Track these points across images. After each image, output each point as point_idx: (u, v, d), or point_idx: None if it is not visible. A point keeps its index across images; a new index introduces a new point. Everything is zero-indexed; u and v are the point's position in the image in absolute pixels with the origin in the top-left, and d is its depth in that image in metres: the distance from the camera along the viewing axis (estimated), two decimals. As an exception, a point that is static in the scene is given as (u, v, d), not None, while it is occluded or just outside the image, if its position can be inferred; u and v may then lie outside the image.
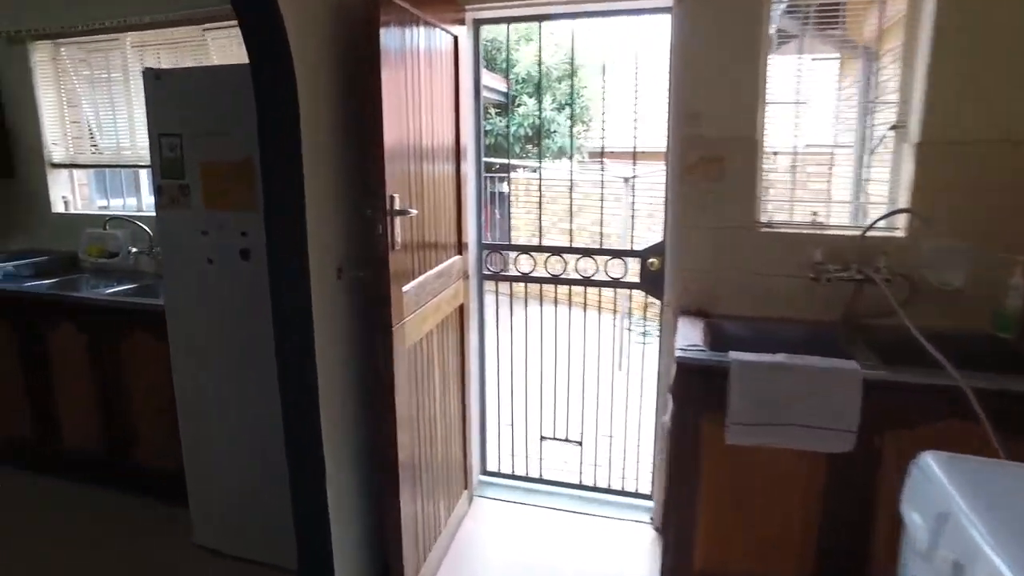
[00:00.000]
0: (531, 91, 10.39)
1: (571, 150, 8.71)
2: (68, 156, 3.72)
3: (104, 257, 3.52)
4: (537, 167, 9.96)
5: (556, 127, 10.46)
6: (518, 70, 10.40)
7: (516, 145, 10.35)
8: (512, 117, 10.19)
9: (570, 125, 10.03)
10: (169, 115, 2.29)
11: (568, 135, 9.80)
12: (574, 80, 10.01)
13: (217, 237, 2.30)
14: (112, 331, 2.88)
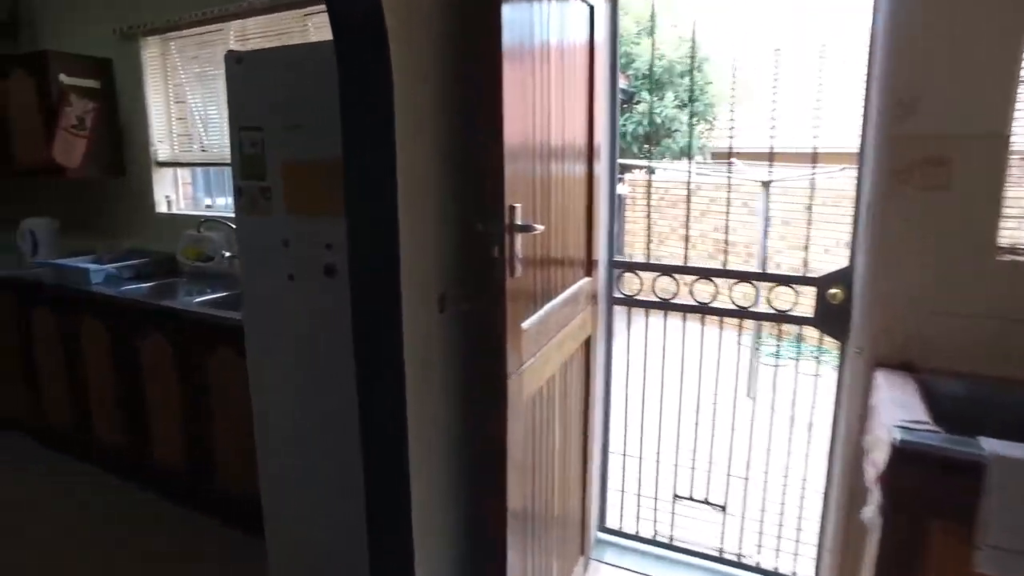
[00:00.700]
0: (651, 87, 9.72)
1: (691, 150, 7.92)
2: (173, 154, 3.56)
3: (200, 260, 3.32)
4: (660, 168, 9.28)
5: (678, 126, 9.73)
6: (638, 65, 9.76)
7: (634, 145, 9.72)
8: (630, 115, 9.58)
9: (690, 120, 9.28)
10: (251, 105, 1.95)
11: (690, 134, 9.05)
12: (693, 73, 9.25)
13: (299, 249, 1.93)
14: (197, 344, 2.62)
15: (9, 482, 3.23)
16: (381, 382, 1.47)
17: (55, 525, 2.82)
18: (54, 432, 3.48)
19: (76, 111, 3.38)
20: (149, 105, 3.52)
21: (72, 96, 3.36)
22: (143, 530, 2.77)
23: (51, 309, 3.25)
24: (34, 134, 3.49)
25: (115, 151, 3.62)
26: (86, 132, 3.42)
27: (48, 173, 3.50)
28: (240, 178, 1.99)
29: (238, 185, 2.00)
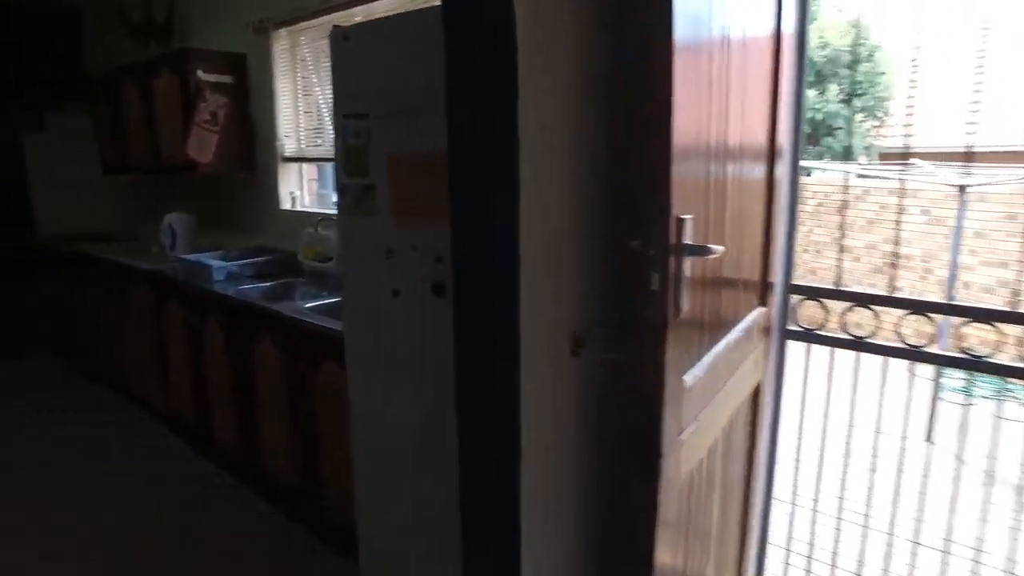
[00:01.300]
0: (812, 79, 8.74)
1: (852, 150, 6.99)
2: (299, 149, 3.44)
3: (319, 260, 3.14)
4: (819, 169, 8.28)
5: (841, 122, 8.68)
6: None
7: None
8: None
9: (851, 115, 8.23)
10: (356, 88, 1.65)
11: (856, 131, 8.02)
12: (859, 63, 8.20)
13: (405, 261, 1.61)
14: (304, 354, 2.41)
15: (135, 463, 3.26)
16: (487, 449, 1.09)
17: (167, 515, 2.78)
18: (180, 423, 3.49)
19: (210, 107, 3.33)
20: (278, 99, 3.41)
21: (207, 92, 3.33)
22: (246, 538, 2.64)
23: (180, 304, 3.22)
24: (175, 130, 3.51)
25: (245, 146, 3.57)
26: (218, 127, 3.37)
27: (184, 168, 3.50)
28: (343, 174, 1.70)
29: (341, 183, 1.72)
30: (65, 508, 2.89)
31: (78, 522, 2.77)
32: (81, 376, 4.61)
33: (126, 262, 3.71)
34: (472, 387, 1.12)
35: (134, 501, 2.96)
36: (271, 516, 2.80)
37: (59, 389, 4.47)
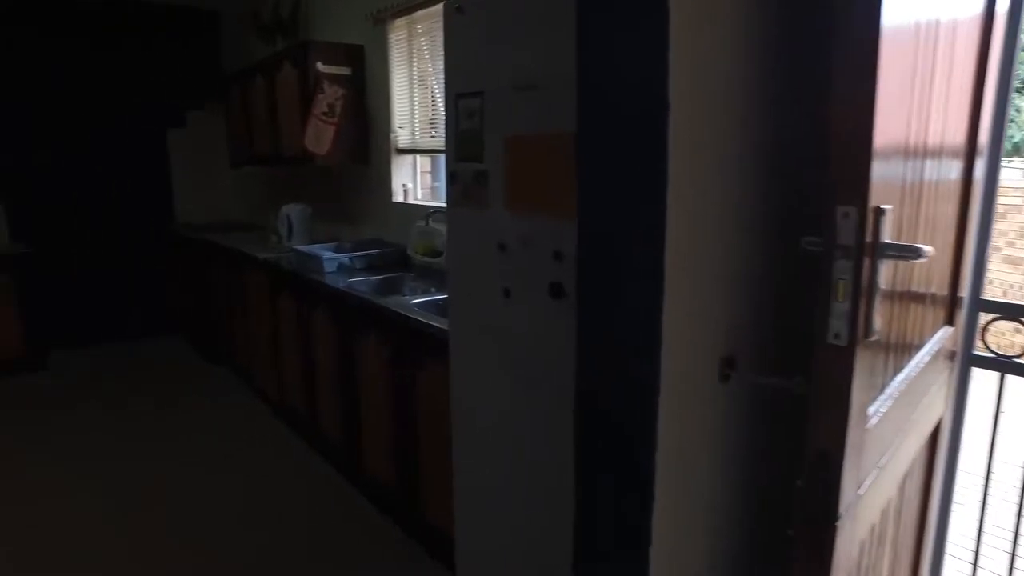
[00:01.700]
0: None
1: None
2: (413, 141, 3.38)
3: (429, 255, 3.06)
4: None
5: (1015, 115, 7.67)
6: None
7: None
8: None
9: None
10: (469, 65, 1.50)
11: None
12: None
13: (519, 257, 1.44)
14: (409, 353, 2.31)
15: (242, 447, 3.33)
16: (610, 494, 0.90)
17: (265, 503, 2.79)
18: (289, 411, 3.54)
19: (327, 98, 3.34)
20: (393, 90, 3.37)
21: (325, 83, 3.33)
22: (342, 534, 2.59)
23: (291, 294, 3.25)
24: (295, 123, 3.56)
25: (360, 138, 3.56)
26: (335, 119, 3.37)
27: (302, 160, 3.54)
28: (453, 160, 1.56)
29: (451, 170, 1.57)
30: (164, 485, 2.99)
31: (175, 502, 2.85)
32: (204, 358, 4.84)
33: (245, 251, 3.81)
34: (595, 415, 0.92)
35: (232, 485, 3.00)
36: (370, 514, 2.74)
37: (183, 369, 4.71)
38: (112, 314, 5.31)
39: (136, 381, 4.47)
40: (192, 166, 5.52)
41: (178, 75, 5.27)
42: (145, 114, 5.22)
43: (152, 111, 5.24)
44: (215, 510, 2.81)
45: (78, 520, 2.71)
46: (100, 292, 5.24)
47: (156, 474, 3.15)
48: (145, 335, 5.43)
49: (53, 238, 4.94)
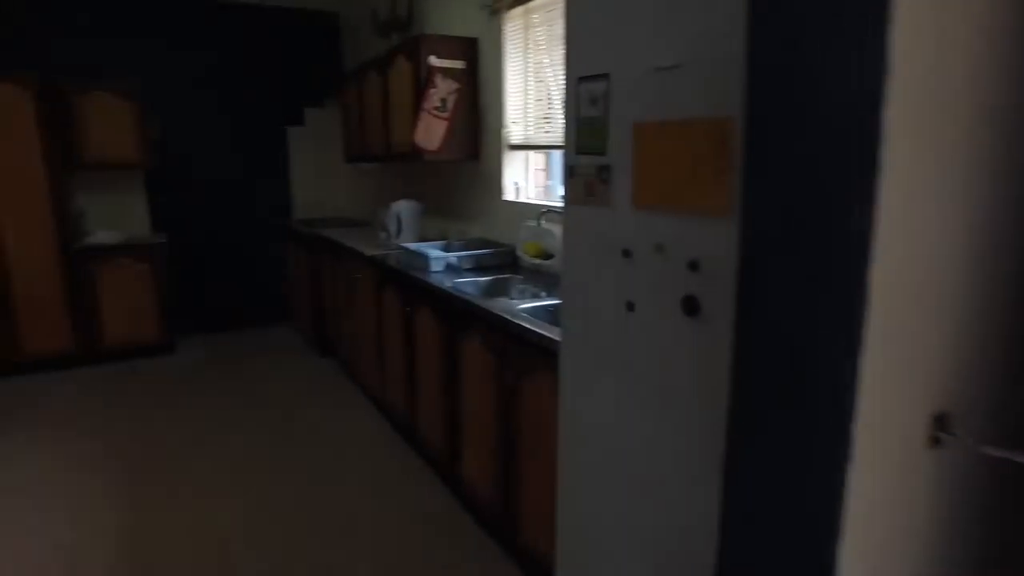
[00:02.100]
0: None
1: None
2: (526, 137, 3.24)
3: (540, 257, 2.91)
4: None
5: None
6: None
7: None
8: None
9: None
10: (594, 42, 1.31)
11: None
12: None
13: (647, 265, 1.24)
14: (514, 360, 2.16)
15: (341, 442, 3.33)
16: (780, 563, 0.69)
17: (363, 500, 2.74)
18: (391, 409, 3.51)
19: (440, 92, 3.26)
20: (506, 84, 3.24)
21: (437, 78, 3.25)
22: (436, 545, 2.48)
23: (397, 292, 3.20)
24: (406, 118, 3.52)
25: (472, 133, 3.46)
26: (447, 114, 3.29)
27: (412, 156, 3.49)
28: (573, 152, 1.38)
29: (569, 163, 1.40)
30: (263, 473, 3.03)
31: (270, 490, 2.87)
32: (314, 349, 4.95)
33: (354, 247, 3.83)
34: (757, 475, 0.72)
35: (327, 481, 2.99)
36: (466, 525, 2.62)
37: (293, 359, 4.84)
38: (233, 303, 5.57)
39: (249, 368, 4.64)
40: (310, 163, 5.69)
41: (300, 75, 5.45)
42: (269, 113, 5.43)
43: (275, 110, 5.45)
44: (306, 499, 2.82)
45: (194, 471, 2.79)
46: (223, 282, 5.51)
47: (256, 449, 3.29)
48: (262, 325, 5.66)
49: (182, 230, 5.24)
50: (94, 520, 2.71)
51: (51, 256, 4.39)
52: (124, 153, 4.68)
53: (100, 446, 3.38)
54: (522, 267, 3.05)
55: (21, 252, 4.31)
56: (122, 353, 4.70)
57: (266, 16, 5.29)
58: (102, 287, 4.57)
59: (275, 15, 5.32)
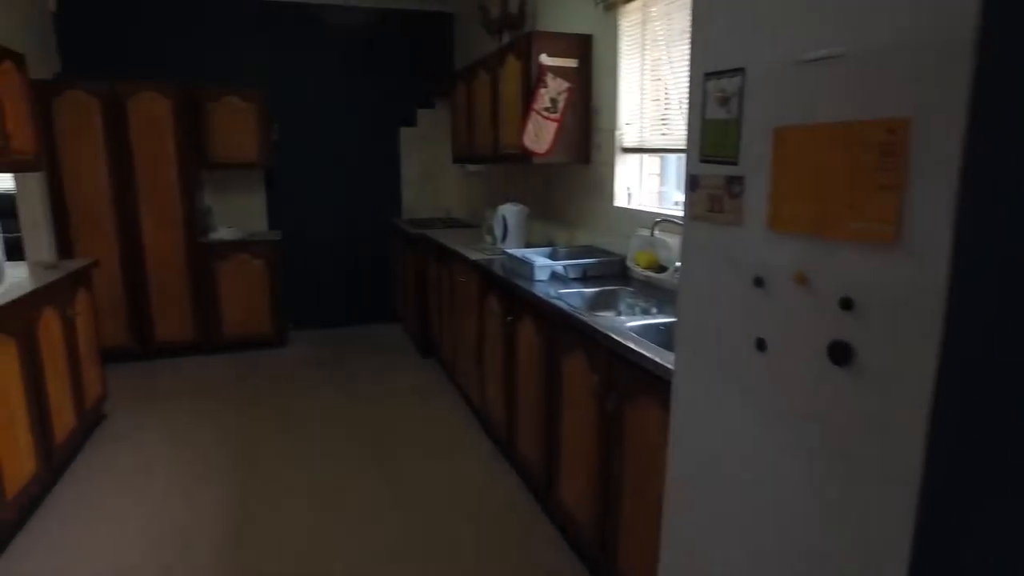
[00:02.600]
0: None
1: None
2: (640, 139, 3.03)
3: (653, 270, 2.69)
4: None
5: None
6: None
7: None
8: None
9: None
10: (728, 29, 1.11)
11: None
12: None
13: (784, 298, 1.03)
14: (621, 383, 1.98)
15: (435, 449, 3.27)
16: None
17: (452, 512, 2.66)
18: (489, 420, 3.42)
19: (550, 92, 3.12)
20: (620, 83, 3.04)
21: (548, 77, 3.11)
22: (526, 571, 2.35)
23: (499, 299, 3.09)
24: (515, 119, 3.41)
25: (583, 135, 3.29)
26: (557, 115, 3.14)
27: (519, 158, 3.37)
28: (696, 160, 1.19)
29: (692, 173, 1.20)
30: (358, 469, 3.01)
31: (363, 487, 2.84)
32: (417, 349, 4.97)
33: (458, 249, 3.77)
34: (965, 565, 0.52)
35: (419, 486, 2.94)
36: (559, 549, 2.47)
37: (396, 358, 4.88)
38: (343, 301, 5.72)
39: (354, 365, 4.73)
40: (419, 163, 5.74)
41: (415, 76, 5.51)
42: (384, 114, 5.53)
43: (390, 111, 5.53)
44: (396, 501, 2.79)
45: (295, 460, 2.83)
46: (334, 279, 5.67)
47: (354, 445, 3.35)
48: (370, 322, 5.77)
49: (296, 227, 5.44)
50: (205, 500, 2.85)
51: (180, 250, 4.67)
52: (246, 154, 4.91)
53: (213, 431, 3.54)
54: (632, 279, 2.85)
55: (156, 246, 4.61)
56: (237, 344, 4.93)
57: (384, 18, 5.38)
58: (222, 281, 4.81)
59: (392, 17, 5.40)
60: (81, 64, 4.75)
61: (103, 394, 3.68)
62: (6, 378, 2.56)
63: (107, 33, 4.80)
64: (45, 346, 2.91)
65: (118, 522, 2.70)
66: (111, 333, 4.51)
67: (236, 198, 5.30)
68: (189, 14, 4.94)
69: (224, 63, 5.05)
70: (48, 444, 2.89)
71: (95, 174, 4.41)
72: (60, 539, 2.59)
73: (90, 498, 2.90)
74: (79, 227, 4.45)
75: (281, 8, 5.14)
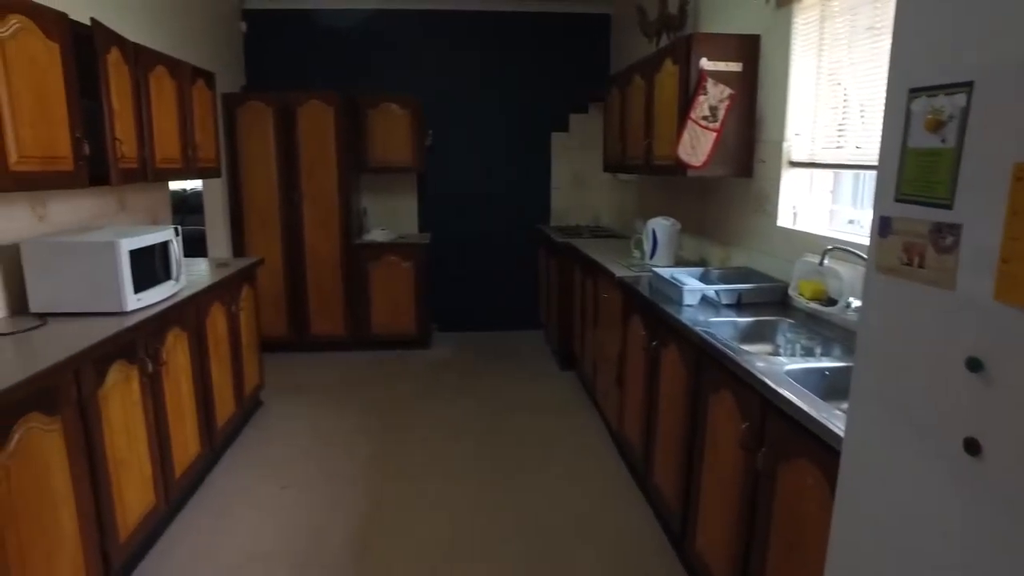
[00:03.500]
0: None
1: None
2: (811, 152, 2.68)
3: (819, 301, 2.36)
4: None
5: None
6: None
7: None
8: None
9: None
10: (947, 30, 0.86)
11: None
12: None
13: (1011, 390, 0.77)
14: (773, 436, 1.72)
15: (573, 473, 3.13)
16: None
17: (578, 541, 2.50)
18: (625, 442, 3.24)
19: (710, 100, 2.86)
20: (791, 89, 2.71)
21: (708, 83, 2.85)
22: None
23: (643, 320, 2.88)
24: (669, 127, 3.17)
25: (746, 146, 2.98)
26: (717, 124, 2.87)
27: (671, 170, 3.14)
28: (891, 195, 0.94)
29: (883, 214, 0.96)
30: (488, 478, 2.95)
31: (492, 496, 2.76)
32: (557, 360, 4.86)
33: (603, 263, 3.60)
34: None
35: (549, 506, 2.82)
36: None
37: (534, 367, 4.81)
38: (487, 305, 5.75)
39: (492, 371, 4.73)
40: (569, 170, 5.62)
41: (569, 80, 5.41)
42: (536, 119, 5.48)
43: (543, 116, 5.48)
44: (525, 519, 2.73)
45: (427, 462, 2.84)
46: (479, 283, 5.72)
47: (486, 452, 3.37)
48: (513, 328, 5.76)
49: (445, 230, 5.54)
50: (339, 497, 2.96)
51: (337, 250, 4.92)
52: (402, 158, 5.09)
53: (354, 429, 3.68)
54: (794, 309, 2.53)
55: (315, 245, 4.90)
56: (383, 342, 5.11)
57: (540, 21, 5.33)
58: (373, 281, 5.01)
59: (548, 20, 5.33)
60: (262, 77, 5.17)
61: (260, 383, 3.95)
62: (179, 368, 2.79)
63: (284, 49, 5.19)
64: (212, 338, 3.15)
65: (260, 509, 2.86)
66: (272, 323, 4.87)
67: (390, 200, 5.51)
68: (357, 28, 5.20)
69: (384, 71, 5.27)
70: (211, 429, 3.12)
71: (267, 178, 4.77)
72: (211, 521, 2.77)
73: (240, 483, 3.10)
74: (251, 226, 4.84)
75: (443, 17, 5.26)
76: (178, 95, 3.26)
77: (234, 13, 5.01)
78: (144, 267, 2.59)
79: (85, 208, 2.98)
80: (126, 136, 2.71)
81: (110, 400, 2.24)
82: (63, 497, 1.98)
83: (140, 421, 2.45)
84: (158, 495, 2.57)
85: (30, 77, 2.14)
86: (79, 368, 2.06)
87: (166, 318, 2.65)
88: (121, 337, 2.29)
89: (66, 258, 2.43)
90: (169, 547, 2.59)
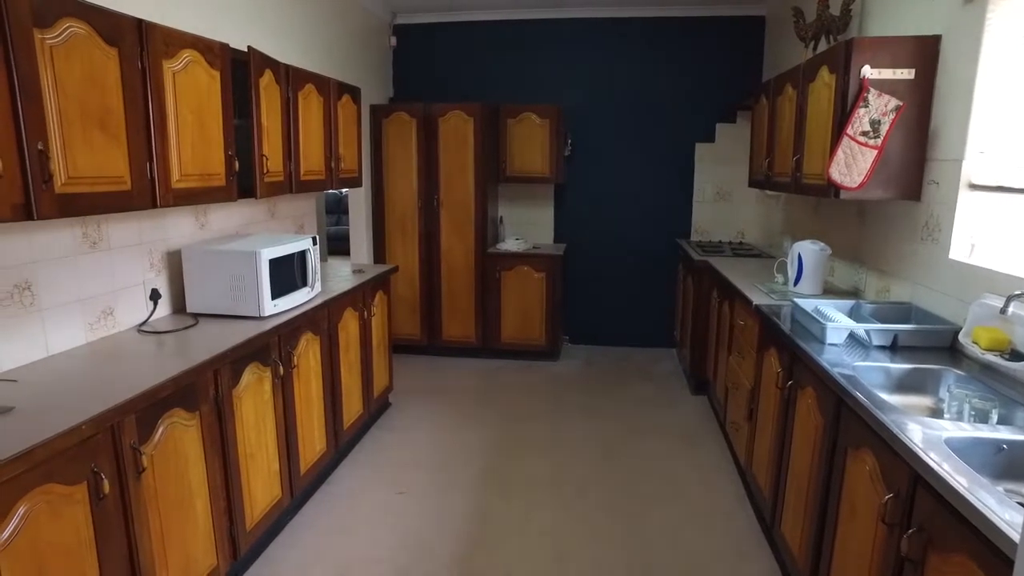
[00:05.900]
0: None
1: None
2: (996, 175, 2.29)
3: (1000, 353, 2.00)
4: None
5: None
6: None
7: None
8: None
9: None
10: None
11: None
12: None
13: None
14: (923, 516, 1.46)
15: (695, 510, 2.89)
16: None
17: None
18: (752, 481, 3.00)
19: (871, 113, 2.53)
20: (976, 98, 2.33)
21: (870, 94, 2.53)
22: None
23: (779, 356, 2.63)
24: (821, 143, 2.86)
25: (914, 164, 2.61)
26: (879, 141, 2.54)
27: (822, 190, 2.83)
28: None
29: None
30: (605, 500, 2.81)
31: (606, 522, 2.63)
32: (688, 383, 4.61)
33: (740, 287, 3.33)
34: None
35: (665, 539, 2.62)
36: None
37: (665, 389, 4.59)
38: (619, 320, 5.59)
39: (620, 390, 4.59)
40: (713, 182, 5.32)
41: (717, 87, 5.12)
42: (681, 129, 5.24)
43: (688, 126, 5.23)
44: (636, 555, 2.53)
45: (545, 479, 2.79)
46: (612, 297, 5.57)
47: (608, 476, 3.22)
48: (644, 345, 5.55)
49: (580, 241, 5.46)
50: (452, 508, 2.99)
51: (471, 258, 5.01)
52: (539, 168, 5.08)
53: (474, 439, 3.71)
54: (965, 358, 2.17)
55: (450, 252, 5.02)
56: (512, 352, 5.13)
57: (689, 25, 5.09)
58: (505, 290, 5.04)
59: (698, 24, 5.08)
60: (408, 88, 5.39)
61: (390, 385, 4.09)
62: (309, 370, 2.95)
63: (430, 60, 5.37)
64: (343, 343, 3.30)
65: (374, 512, 2.95)
66: (407, 324, 5.06)
67: (527, 209, 5.52)
68: (501, 38, 5.26)
69: (526, 80, 5.29)
70: (337, 429, 3.27)
71: (408, 186, 4.96)
72: (329, 521, 2.90)
73: (361, 483, 3.22)
74: (391, 231, 5.06)
75: (588, 24, 5.18)
76: (324, 111, 3.45)
77: (385, 29, 5.25)
78: (283, 274, 2.76)
79: (239, 216, 3.24)
80: (273, 152, 2.91)
81: (243, 399, 2.40)
82: (198, 486, 2.15)
83: (270, 419, 2.60)
84: (283, 489, 2.72)
85: (194, 103, 2.33)
86: (218, 369, 2.23)
87: (300, 323, 2.80)
88: (257, 341, 2.45)
89: (215, 264, 2.64)
90: (291, 539, 2.74)
